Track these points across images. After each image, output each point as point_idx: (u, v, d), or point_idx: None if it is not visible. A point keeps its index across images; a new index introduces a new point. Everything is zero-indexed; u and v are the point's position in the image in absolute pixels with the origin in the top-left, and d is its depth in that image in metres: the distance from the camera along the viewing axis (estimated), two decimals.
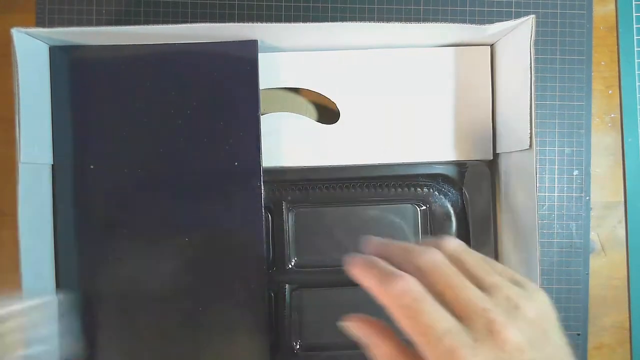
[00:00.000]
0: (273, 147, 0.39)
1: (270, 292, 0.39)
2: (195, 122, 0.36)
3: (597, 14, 0.44)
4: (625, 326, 0.44)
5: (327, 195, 0.39)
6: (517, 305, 0.20)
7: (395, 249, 0.24)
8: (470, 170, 0.39)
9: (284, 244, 0.39)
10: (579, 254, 0.44)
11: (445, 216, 0.40)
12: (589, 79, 0.44)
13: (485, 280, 0.21)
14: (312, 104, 0.41)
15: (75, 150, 0.36)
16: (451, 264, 0.22)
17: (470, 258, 0.23)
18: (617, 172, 0.45)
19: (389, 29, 0.35)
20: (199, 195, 0.36)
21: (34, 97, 0.34)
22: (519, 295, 0.21)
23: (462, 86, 0.39)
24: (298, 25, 0.34)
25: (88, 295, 0.36)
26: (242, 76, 0.36)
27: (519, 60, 0.35)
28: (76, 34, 0.35)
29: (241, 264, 0.36)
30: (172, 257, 0.36)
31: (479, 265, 0.23)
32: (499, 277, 0.22)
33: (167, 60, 0.36)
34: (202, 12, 0.42)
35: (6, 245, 0.42)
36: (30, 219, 0.33)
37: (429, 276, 0.22)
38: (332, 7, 0.43)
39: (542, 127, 0.44)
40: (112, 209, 0.36)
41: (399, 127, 0.39)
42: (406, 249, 0.24)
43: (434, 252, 0.23)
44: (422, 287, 0.21)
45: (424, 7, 0.43)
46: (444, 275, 0.22)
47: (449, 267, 0.22)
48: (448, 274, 0.22)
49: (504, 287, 0.21)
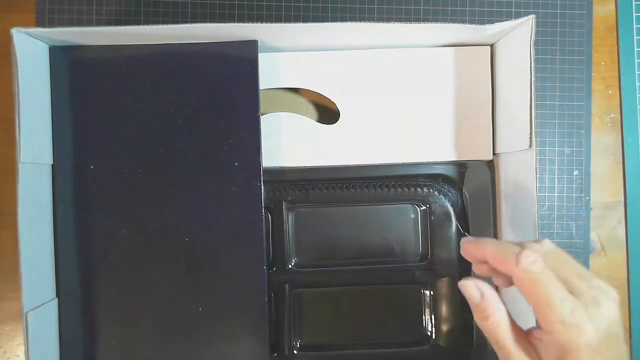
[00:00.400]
0: (273, 147, 0.39)
1: (270, 292, 0.39)
2: (195, 122, 0.36)
3: (597, 14, 0.44)
4: (625, 326, 0.44)
5: (327, 195, 0.40)
6: (608, 292, 0.26)
7: (499, 244, 0.30)
8: (470, 170, 0.40)
9: (284, 244, 0.39)
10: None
11: (445, 216, 0.40)
12: (589, 79, 0.44)
13: (580, 271, 0.27)
14: (312, 104, 0.41)
15: (75, 150, 0.36)
16: (556, 255, 0.28)
17: (564, 255, 0.28)
18: (617, 172, 0.45)
19: (389, 29, 0.35)
20: (199, 196, 0.36)
21: (34, 97, 0.34)
22: (607, 286, 0.27)
23: (462, 86, 0.39)
24: (298, 25, 0.34)
25: (88, 296, 0.36)
26: (242, 76, 0.36)
27: (519, 60, 0.35)
28: (76, 34, 0.35)
29: (241, 264, 0.36)
30: (172, 257, 0.36)
31: (572, 260, 0.28)
32: (587, 271, 0.28)
33: (167, 60, 0.36)
34: (202, 12, 0.42)
35: (6, 245, 0.42)
36: (30, 219, 0.33)
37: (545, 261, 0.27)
38: (332, 7, 0.43)
39: (542, 127, 0.44)
40: (112, 209, 0.36)
41: (399, 127, 0.39)
42: (517, 243, 0.29)
43: (546, 243, 0.28)
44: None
45: (424, 7, 0.43)
46: (553, 261, 0.27)
47: (555, 256, 0.28)
48: (556, 261, 0.27)
49: (594, 278, 0.27)
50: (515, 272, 0.27)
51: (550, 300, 0.25)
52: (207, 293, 0.36)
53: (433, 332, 0.40)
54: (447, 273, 0.40)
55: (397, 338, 0.40)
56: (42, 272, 0.35)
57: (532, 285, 0.26)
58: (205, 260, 0.36)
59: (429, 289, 0.40)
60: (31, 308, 0.33)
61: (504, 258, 0.28)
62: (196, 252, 0.36)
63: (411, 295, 0.40)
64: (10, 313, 0.42)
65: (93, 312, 0.36)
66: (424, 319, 0.40)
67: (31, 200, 0.34)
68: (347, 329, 0.40)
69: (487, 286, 0.28)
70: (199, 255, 0.36)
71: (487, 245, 0.29)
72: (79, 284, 0.36)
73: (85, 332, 0.36)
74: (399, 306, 0.40)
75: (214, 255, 0.36)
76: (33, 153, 0.34)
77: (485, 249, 0.29)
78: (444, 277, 0.40)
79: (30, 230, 0.33)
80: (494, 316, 0.27)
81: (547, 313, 0.25)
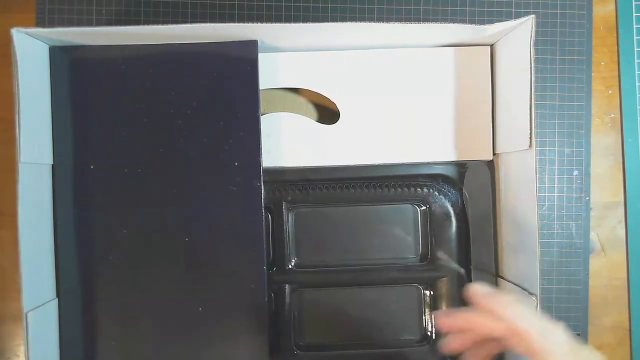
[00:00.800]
0: (273, 147, 0.39)
1: (270, 292, 0.39)
2: (195, 122, 0.36)
3: (597, 14, 0.44)
4: (625, 326, 0.44)
5: (327, 195, 0.40)
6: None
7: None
8: (470, 170, 0.39)
9: (284, 244, 0.39)
10: (579, 254, 0.44)
11: (445, 216, 0.40)
12: (589, 79, 0.44)
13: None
14: (312, 104, 0.41)
15: (75, 150, 0.36)
16: None
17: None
18: (617, 172, 0.45)
19: (389, 29, 0.35)
20: (199, 195, 0.36)
21: (34, 97, 0.34)
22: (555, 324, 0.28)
23: (462, 86, 0.39)
24: (298, 26, 0.34)
25: (88, 295, 0.36)
26: (242, 76, 0.36)
27: (519, 60, 0.35)
28: (76, 34, 0.35)
29: (241, 264, 0.36)
30: (172, 257, 0.36)
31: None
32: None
33: (167, 60, 0.36)
34: (202, 12, 0.42)
35: (6, 245, 0.42)
36: (30, 219, 0.33)
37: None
38: (332, 7, 0.43)
39: (542, 127, 0.44)
40: (112, 209, 0.36)
41: (399, 127, 0.39)
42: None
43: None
44: None
45: (424, 7, 0.43)
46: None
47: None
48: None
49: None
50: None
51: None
52: (207, 293, 0.36)
53: (433, 332, 0.40)
54: (447, 273, 0.40)
55: (397, 338, 0.40)
56: (42, 272, 0.35)
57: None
58: (205, 260, 0.36)
59: (429, 289, 0.40)
60: (31, 308, 0.33)
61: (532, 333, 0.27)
62: (196, 252, 0.36)
63: (411, 295, 0.40)
64: (11, 313, 0.42)
65: (93, 312, 0.36)
66: (424, 319, 0.40)
67: (31, 200, 0.34)
68: (347, 329, 0.40)
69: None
70: (199, 255, 0.36)
71: (509, 309, 0.28)
72: (79, 284, 0.36)
73: (85, 332, 0.36)
74: (399, 306, 0.40)
75: (214, 255, 0.36)
76: (33, 153, 0.34)
77: (507, 313, 0.28)
78: (444, 277, 0.40)
79: (30, 230, 0.33)
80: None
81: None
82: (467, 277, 0.40)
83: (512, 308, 0.28)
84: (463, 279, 0.40)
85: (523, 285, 0.36)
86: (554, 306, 0.43)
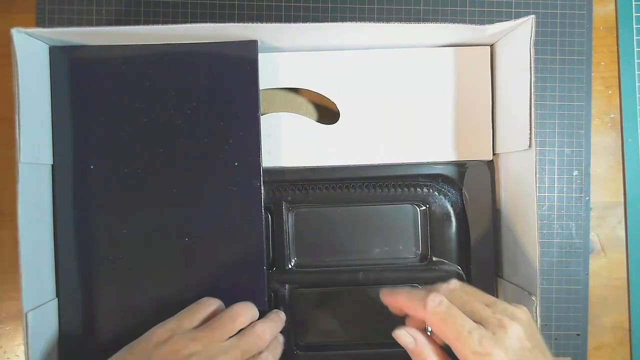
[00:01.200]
0: (273, 147, 0.39)
1: (270, 292, 0.39)
2: (195, 122, 0.36)
3: (597, 14, 0.44)
4: (625, 326, 0.44)
5: (327, 196, 0.39)
6: (513, 313, 0.29)
7: (409, 293, 0.32)
8: (470, 170, 0.39)
9: (284, 244, 0.39)
10: (579, 254, 0.44)
11: (445, 216, 0.40)
12: (589, 79, 0.44)
13: (486, 300, 0.30)
14: (312, 104, 0.41)
15: (75, 150, 0.36)
16: (462, 291, 0.30)
17: (470, 288, 0.31)
18: (617, 172, 0.45)
19: (389, 29, 0.35)
20: (199, 196, 0.36)
21: (34, 97, 0.34)
22: (512, 307, 0.29)
23: (462, 86, 0.39)
24: (298, 26, 0.34)
25: (87, 295, 0.36)
26: (242, 76, 0.36)
27: (519, 61, 0.35)
28: (76, 34, 0.35)
29: (241, 264, 0.36)
30: (171, 257, 0.36)
31: (478, 292, 0.31)
32: (493, 298, 0.30)
33: (167, 60, 0.36)
34: (202, 12, 0.42)
35: (6, 245, 0.42)
36: (30, 219, 0.33)
37: (450, 299, 0.29)
38: (332, 7, 0.43)
39: (542, 127, 0.44)
40: (112, 209, 0.36)
41: (399, 127, 0.39)
42: (425, 288, 0.32)
43: (453, 282, 0.31)
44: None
45: (424, 7, 0.43)
46: (459, 297, 0.30)
47: (462, 291, 0.30)
48: (462, 296, 0.30)
49: (499, 303, 0.30)
50: (426, 316, 0.29)
51: (459, 335, 0.27)
52: (206, 292, 0.36)
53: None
54: (447, 273, 0.40)
55: None
56: (42, 272, 0.35)
57: (442, 324, 0.28)
58: (205, 260, 0.36)
59: None
60: (31, 308, 0.33)
61: (415, 305, 0.30)
62: (196, 252, 0.36)
63: None
64: (11, 313, 0.42)
65: (93, 312, 0.36)
66: None
67: (31, 200, 0.34)
68: (347, 329, 0.40)
69: (418, 332, 0.30)
70: (198, 255, 0.36)
71: (399, 296, 0.31)
72: (79, 284, 0.36)
73: (85, 332, 0.36)
74: None
75: (214, 255, 0.36)
76: (33, 153, 0.34)
77: (398, 300, 0.31)
78: (444, 277, 0.40)
79: (30, 230, 0.33)
80: (429, 358, 0.29)
81: (459, 347, 0.27)
82: (467, 277, 0.40)
83: (440, 324, 0.28)
84: (463, 280, 0.40)
85: (523, 286, 0.36)
86: (554, 306, 0.43)
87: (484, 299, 0.30)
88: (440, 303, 0.29)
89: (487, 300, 0.30)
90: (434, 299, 0.29)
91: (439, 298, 0.29)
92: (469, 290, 0.31)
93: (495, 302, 0.29)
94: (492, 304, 0.29)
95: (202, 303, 0.34)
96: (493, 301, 0.30)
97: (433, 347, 0.30)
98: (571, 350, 0.43)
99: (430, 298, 0.29)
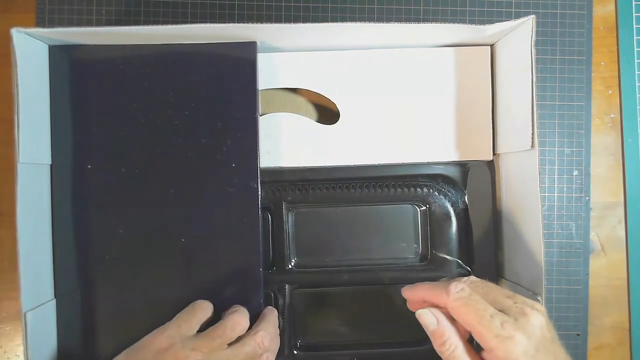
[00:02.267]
0: (273, 147, 0.38)
1: (270, 292, 0.39)
2: (194, 122, 0.36)
3: (597, 14, 0.44)
4: (625, 326, 0.44)
5: (327, 196, 0.39)
6: (533, 305, 0.29)
7: (431, 284, 0.33)
8: (471, 170, 0.39)
9: (284, 244, 0.39)
10: (579, 254, 0.44)
11: (445, 216, 0.40)
12: (589, 79, 0.44)
13: (506, 292, 0.30)
14: (312, 104, 0.41)
15: (73, 150, 0.36)
16: (482, 283, 0.31)
17: (489, 282, 0.31)
18: (617, 172, 0.45)
19: (389, 29, 0.35)
20: (197, 196, 0.36)
21: (34, 97, 0.34)
22: (531, 301, 0.30)
23: (462, 86, 0.39)
24: (298, 26, 0.34)
25: (86, 296, 0.36)
26: (241, 77, 0.36)
27: (519, 61, 0.35)
28: (76, 34, 0.34)
29: (237, 265, 0.36)
30: (169, 258, 0.36)
31: (497, 286, 0.31)
32: (512, 292, 0.31)
33: (166, 61, 0.36)
34: (202, 12, 0.42)
35: (5, 245, 0.42)
36: (29, 219, 0.33)
37: (471, 289, 0.30)
38: (332, 7, 0.43)
39: (542, 127, 0.44)
40: (110, 209, 0.36)
41: (399, 127, 0.39)
42: (446, 279, 0.33)
43: (472, 277, 0.32)
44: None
45: (424, 7, 0.43)
46: (480, 287, 0.30)
47: (482, 283, 0.31)
48: (483, 286, 0.30)
49: (519, 296, 0.30)
50: (448, 302, 0.29)
51: (481, 319, 0.28)
52: (204, 293, 0.36)
53: None
54: (447, 273, 0.40)
55: (397, 338, 0.40)
56: (40, 272, 0.35)
57: (464, 309, 0.28)
58: (202, 261, 0.36)
59: None
60: (30, 308, 0.33)
61: (438, 293, 0.30)
62: (193, 253, 0.36)
63: None
64: (10, 313, 0.42)
65: (92, 312, 0.36)
66: None
67: (30, 200, 0.33)
68: (347, 329, 0.40)
69: (441, 313, 0.30)
70: (195, 256, 0.36)
71: (421, 287, 0.33)
72: (78, 284, 0.36)
73: (84, 332, 0.36)
74: (399, 306, 0.40)
75: (211, 255, 0.36)
76: (32, 153, 0.34)
77: (419, 292, 0.33)
78: (444, 277, 0.40)
79: (28, 230, 0.33)
80: (450, 340, 0.29)
81: (482, 331, 0.27)
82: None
83: (463, 308, 0.29)
84: None
85: (524, 285, 0.36)
86: (554, 306, 0.43)
87: (504, 292, 0.30)
88: (463, 290, 0.29)
89: (508, 293, 0.30)
90: (457, 286, 0.30)
91: (462, 285, 0.30)
92: (489, 284, 0.31)
93: (515, 295, 0.30)
94: (512, 296, 0.30)
95: (197, 307, 0.34)
96: (512, 294, 0.30)
97: (454, 331, 0.30)
98: (571, 350, 0.43)
99: (453, 285, 0.30)
